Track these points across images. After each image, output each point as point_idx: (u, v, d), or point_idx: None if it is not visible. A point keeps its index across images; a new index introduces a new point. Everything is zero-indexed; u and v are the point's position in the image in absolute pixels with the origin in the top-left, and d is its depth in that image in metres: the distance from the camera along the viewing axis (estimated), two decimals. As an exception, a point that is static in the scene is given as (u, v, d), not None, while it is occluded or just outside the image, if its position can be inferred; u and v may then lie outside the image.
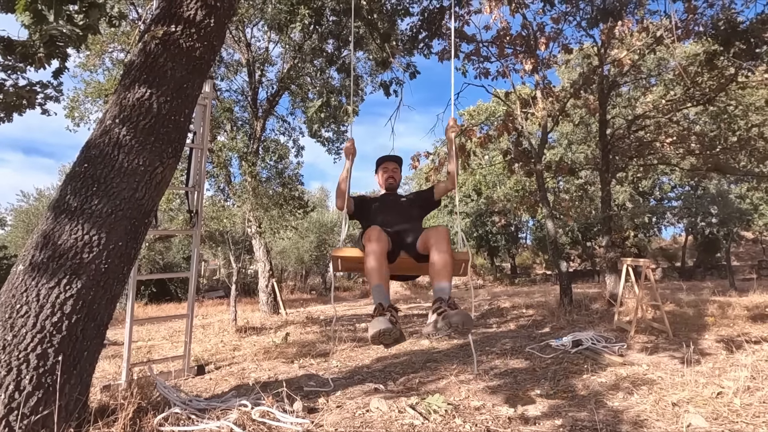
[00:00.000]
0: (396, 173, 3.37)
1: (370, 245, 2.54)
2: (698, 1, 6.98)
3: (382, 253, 2.55)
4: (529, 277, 25.18)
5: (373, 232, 2.59)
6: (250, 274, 21.92)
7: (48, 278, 2.36)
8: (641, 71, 10.69)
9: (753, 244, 27.62)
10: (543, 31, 8.89)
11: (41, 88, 4.32)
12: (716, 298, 9.05)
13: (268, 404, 2.95)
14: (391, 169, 3.36)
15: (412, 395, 3.42)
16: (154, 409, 2.73)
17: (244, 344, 6.58)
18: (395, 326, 2.33)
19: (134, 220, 2.66)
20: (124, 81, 2.86)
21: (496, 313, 8.87)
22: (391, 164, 3.37)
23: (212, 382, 4.32)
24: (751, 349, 4.47)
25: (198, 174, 4.66)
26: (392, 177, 3.34)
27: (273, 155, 11.65)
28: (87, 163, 2.64)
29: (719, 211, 19.00)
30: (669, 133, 10.01)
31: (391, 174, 3.34)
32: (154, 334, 8.47)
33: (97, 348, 2.54)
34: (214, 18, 3.05)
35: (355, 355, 5.47)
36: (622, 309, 7.04)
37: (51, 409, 2.22)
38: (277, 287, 11.45)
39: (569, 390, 3.60)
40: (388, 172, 3.34)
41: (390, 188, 3.33)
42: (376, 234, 2.58)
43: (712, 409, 2.96)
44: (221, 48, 3.51)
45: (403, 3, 7.60)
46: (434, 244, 2.55)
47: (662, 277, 21.25)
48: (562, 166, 10.06)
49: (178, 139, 2.93)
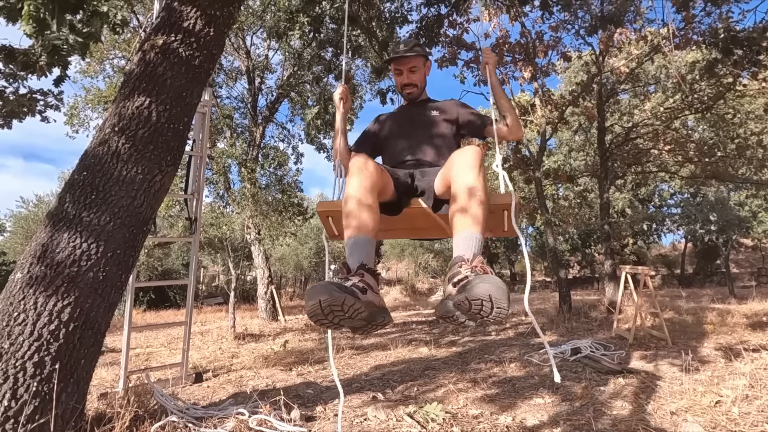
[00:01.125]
0: (417, 75, 2.24)
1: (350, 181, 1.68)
2: (696, 10, 7.03)
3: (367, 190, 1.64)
4: (529, 284, 25.09)
5: (355, 162, 1.72)
6: (248, 281, 21.89)
7: (46, 286, 2.36)
8: (639, 79, 10.75)
9: (752, 251, 27.58)
10: (542, 40, 8.97)
11: (42, 96, 4.35)
12: (715, 305, 9.06)
13: (265, 412, 2.95)
14: (407, 70, 2.23)
15: (410, 404, 3.41)
16: (151, 417, 2.72)
17: (242, 351, 6.57)
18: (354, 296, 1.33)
19: (132, 228, 2.67)
20: (123, 90, 2.88)
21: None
22: (406, 62, 2.21)
23: (210, 389, 4.31)
24: (750, 358, 4.47)
25: (197, 181, 4.68)
26: (411, 83, 2.24)
27: (272, 162, 11.69)
28: (86, 171, 2.65)
29: (718, 218, 19.01)
30: (667, 141, 10.05)
31: (408, 78, 2.24)
32: (152, 341, 8.45)
33: (95, 356, 2.54)
34: (214, 27, 3.07)
35: (353, 362, 5.46)
36: (621, 316, 7.04)
37: (47, 417, 2.21)
38: (275, 294, 11.43)
39: (568, 398, 3.60)
40: (403, 75, 2.24)
41: (411, 99, 2.29)
42: (360, 164, 1.70)
43: (710, 417, 2.95)
44: (221, 56, 3.53)
45: (401, 11, 7.67)
46: (457, 172, 1.65)
47: (661, 284, 21.24)
48: (561, 173, 10.10)
49: (177, 148, 2.94)
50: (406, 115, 2.26)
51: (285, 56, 11.64)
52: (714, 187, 18.12)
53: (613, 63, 9.42)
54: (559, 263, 8.80)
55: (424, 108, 2.24)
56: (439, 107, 2.23)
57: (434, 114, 2.20)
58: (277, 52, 12.10)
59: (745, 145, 10.29)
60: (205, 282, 23.79)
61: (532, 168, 9.12)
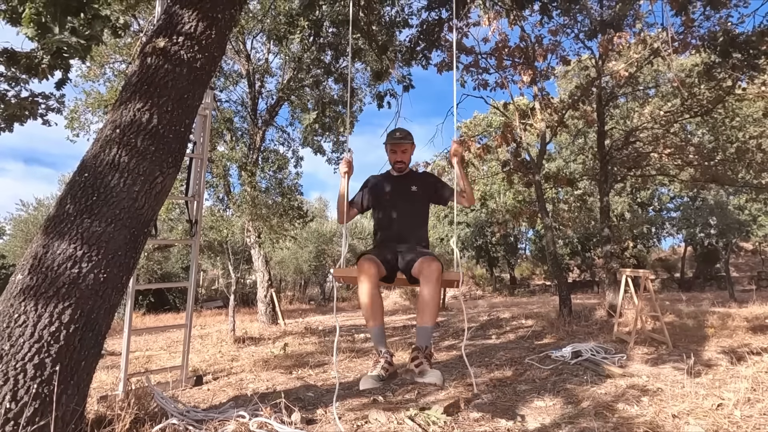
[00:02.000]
0: (406, 155, 3.13)
1: (362, 283, 2.62)
2: (695, 14, 7.06)
3: (374, 288, 2.64)
4: (528, 287, 25.11)
5: (365, 267, 2.64)
6: (248, 285, 21.85)
7: (46, 288, 2.36)
8: (639, 83, 10.78)
9: (752, 255, 27.60)
10: (541, 43, 8.99)
11: (43, 100, 4.36)
12: (716, 309, 9.04)
13: (266, 415, 2.93)
14: (400, 151, 3.11)
15: (411, 406, 3.40)
16: (151, 419, 2.71)
17: (242, 355, 6.55)
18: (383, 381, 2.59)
19: (133, 230, 2.67)
20: (124, 92, 2.88)
21: (495, 324, 8.84)
22: (400, 146, 3.10)
23: (210, 392, 4.29)
24: (752, 361, 4.46)
25: (198, 184, 4.68)
26: (401, 161, 3.13)
27: (272, 165, 11.69)
28: (87, 173, 2.65)
29: (718, 222, 19.02)
30: (667, 144, 10.07)
31: (400, 157, 3.12)
32: (152, 345, 8.43)
33: (95, 358, 2.53)
34: (215, 30, 3.08)
35: (353, 365, 5.44)
36: (622, 320, 7.02)
37: (47, 419, 2.21)
38: (275, 297, 11.41)
39: (569, 401, 3.58)
40: (396, 154, 3.11)
41: (399, 171, 3.15)
42: (369, 270, 2.63)
43: (712, 420, 2.94)
44: (222, 58, 3.54)
45: (402, 15, 7.69)
46: (424, 282, 2.60)
47: (662, 288, 21.22)
48: (561, 177, 10.11)
49: (179, 149, 2.94)
50: (394, 187, 3.10)
51: (285, 60, 11.66)
52: (714, 191, 18.13)
53: (613, 66, 9.45)
54: (559, 266, 8.79)
55: (407, 180, 3.12)
56: (417, 181, 3.13)
57: (414, 189, 3.07)
58: (278, 56, 12.13)
59: (745, 149, 10.30)
60: (205, 285, 23.75)
61: (533, 171, 9.13)
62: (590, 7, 7.51)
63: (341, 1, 6.93)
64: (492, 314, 10.45)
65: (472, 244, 22.89)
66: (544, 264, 23.84)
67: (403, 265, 2.86)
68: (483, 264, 25.69)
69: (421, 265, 2.67)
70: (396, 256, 2.89)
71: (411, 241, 2.97)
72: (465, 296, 23.08)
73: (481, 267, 26.13)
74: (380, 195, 3.12)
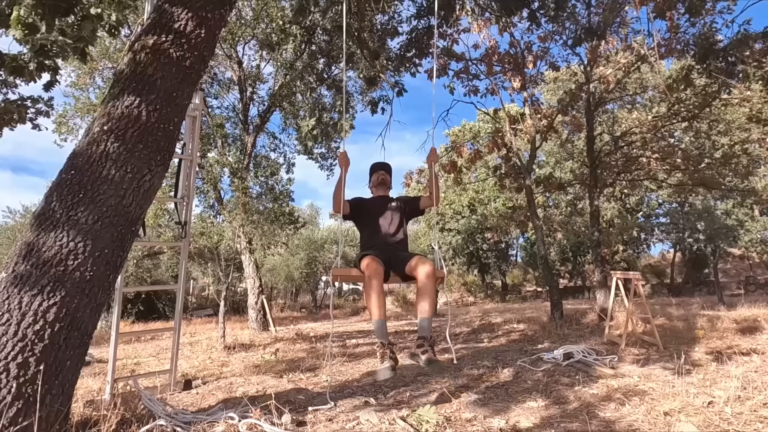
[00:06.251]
0: (386, 177, 3.83)
1: (369, 281, 2.95)
2: (681, 20, 7.18)
3: (380, 284, 2.97)
4: (520, 294, 25.16)
5: (370, 265, 2.99)
6: (239, 292, 21.65)
7: (31, 286, 2.31)
8: (626, 89, 10.91)
9: (740, 261, 27.91)
10: (530, 50, 9.08)
11: (32, 103, 4.30)
12: (705, 312, 9.10)
13: (255, 417, 2.89)
14: (381, 175, 3.82)
15: (402, 408, 3.37)
16: (138, 421, 2.66)
17: (232, 360, 6.47)
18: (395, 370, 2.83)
19: (121, 228, 2.63)
20: (113, 90, 2.86)
21: (488, 329, 8.83)
22: (381, 173, 3.84)
23: (199, 396, 4.23)
24: (741, 361, 4.48)
25: (187, 185, 4.64)
26: (383, 181, 3.80)
27: (264, 171, 11.64)
28: (74, 170, 2.62)
29: (706, 227, 19.23)
30: (654, 149, 10.17)
31: (382, 178, 3.80)
32: (141, 352, 8.30)
33: (81, 358, 2.49)
34: (205, 29, 3.07)
35: (345, 369, 5.40)
36: (613, 323, 7.04)
37: (31, 420, 2.15)
38: (266, 304, 11.30)
39: (561, 401, 3.58)
40: (380, 175, 3.81)
41: (381, 189, 3.79)
42: (374, 266, 2.98)
43: (703, 417, 2.95)
44: (211, 58, 3.53)
45: (392, 23, 7.74)
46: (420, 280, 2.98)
47: (651, 293, 21.34)
48: (552, 181, 10.17)
49: (167, 148, 2.92)
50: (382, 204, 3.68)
51: (277, 67, 11.65)
52: (701, 196, 18.34)
53: (601, 71, 9.55)
54: (550, 269, 8.82)
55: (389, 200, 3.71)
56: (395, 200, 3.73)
57: (394, 205, 3.66)
58: (269, 63, 12.12)
59: (731, 153, 10.43)
60: (195, 294, 23.52)
61: (523, 176, 9.18)
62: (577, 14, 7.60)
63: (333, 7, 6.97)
64: (484, 319, 10.44)
65: (463, 250, 22.90)
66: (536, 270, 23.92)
67: (396, 264, 3.21)
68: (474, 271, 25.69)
69: (416, 262, 3.05)
70: (388, 257, 3.23)
71: (397, 245, 3.46)
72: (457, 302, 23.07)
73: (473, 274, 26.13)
74: (367, 209, 3.70)
